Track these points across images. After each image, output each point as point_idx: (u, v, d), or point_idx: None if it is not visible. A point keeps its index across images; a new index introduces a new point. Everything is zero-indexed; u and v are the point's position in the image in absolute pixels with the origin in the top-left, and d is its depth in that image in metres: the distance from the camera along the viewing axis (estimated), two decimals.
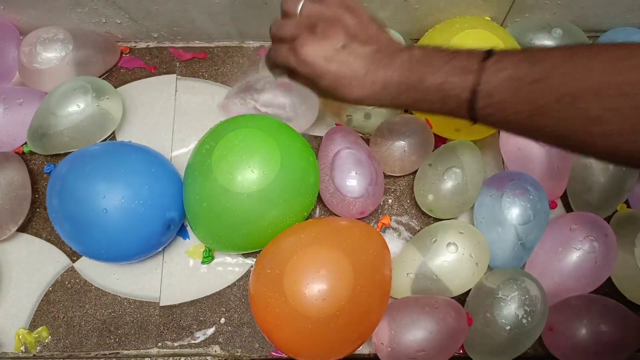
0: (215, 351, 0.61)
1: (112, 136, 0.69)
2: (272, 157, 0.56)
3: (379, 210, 0.66)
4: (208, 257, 0.60)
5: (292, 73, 0.50)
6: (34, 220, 0.67)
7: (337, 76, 0.46)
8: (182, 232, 0.66)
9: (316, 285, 0.50)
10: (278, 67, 0.51)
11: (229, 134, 0.57)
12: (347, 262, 0.52)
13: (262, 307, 0.53)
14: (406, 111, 0.69)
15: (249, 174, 0.55)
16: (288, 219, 0.58)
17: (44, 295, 0.63)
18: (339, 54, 0.46)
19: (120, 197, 0.55)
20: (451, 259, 0.58)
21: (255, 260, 0.62)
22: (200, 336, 0.61)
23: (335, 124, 0.69)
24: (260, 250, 0.59)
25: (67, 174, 0.57)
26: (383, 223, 0.64)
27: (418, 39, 0.70)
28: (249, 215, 0.56)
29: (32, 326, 0.62)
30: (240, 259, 0.65)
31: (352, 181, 0.60)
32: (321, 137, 0.67)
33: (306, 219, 0.62)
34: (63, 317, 0.63)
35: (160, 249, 0.63)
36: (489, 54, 0.42)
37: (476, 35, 0.63)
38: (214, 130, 0.60)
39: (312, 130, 0.69)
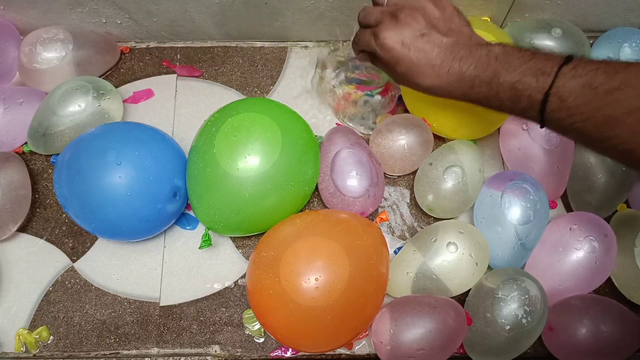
0: (215, 351, 0.61)
1: None
2: (274, 142, 0.57)
3: (379, 210, 0.66)
4: (207, 242, 0.60)
5: (374, 58, 0.52)
6: (34, 220, 0.67)
7: (413, 63, 0.48)
8: (182, 220, 0.66)
9: (311, 274, 0.51)
10: (363, 51, 0.53)
11: (234, 117, 0.58)
12: (344, 253, 0.52)
13: (257, 291, 0.54)
14: (405, 111, 0.69)
15: (250, 157, 0.56)
16: (286, 204, 0.59)
17: (44, 295, 0.63)
18: (417, 41, 0.47)
19: (132, 163, 0.56)
20: (451, 258, 0.58)
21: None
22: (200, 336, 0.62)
23: (336, 123, 0.69)
24: (259, 240, 0.59)
25: (74, 154, 0.58)
26: (382, 218, 0.64)
27: None
28: (247, 197, 0.57)
29: (32, 326, 0.62)
30: (241, 260, 0.65)
31: (352, 181, 0.60)
32: (321, 137, 0.67)
33: (304, 209, 0.63)
34: (63, 317, 0.63)
35: (164, 228, 0.63)
36: (568, 59, 0.42)
37: None
38: (218, 112, 0.61)
39: (326, 132, 0.69)
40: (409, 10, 0.48)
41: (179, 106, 0.72)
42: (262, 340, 0.61)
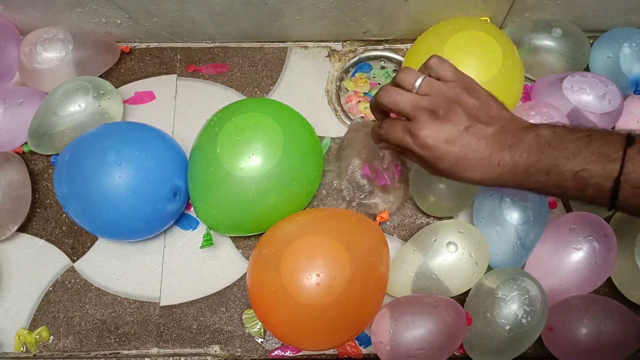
0: (215, 351, 0.61)
1: None
2: (276, 142, 0.57)
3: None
4: (208, 241, 0.60)
5: (403, 150, 0.48)
6: (34, 220, 0.67)
7: (460, 159, 0.44)
8: (183, 221, 0.66)
9: (312, 272, 0.51)
10: (387, 142, 0.50)
11: (237, 116, 0.58)
12: (345, 251, 0.52)
13: (258, 288, 0.54)
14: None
15: (253, 157, 0.56)
16: (288, 203, 0.59)
17: (44, 295, 0.63)
18: (461, 136, 0.44)
19: (132, 163, 0.56)
20: (451, 258, 0.58)
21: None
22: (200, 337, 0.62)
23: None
24: (258, 240, 0.59)
25: (74, 154, 0.58)
26: (382, 217, 0.64)
27: (415, 39, 0.69)
28: (250, 197, 0.57)
29: (32, 326, 0.62)
30: (241, 260, 0.65)
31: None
32: (337, 138, 0.68)
33: (306, 208, 0.64)
34: (63, 317, 0.63)
35: (164, 228, 0.63)
36: (630, 140, 0.40)
37: (471, 37, 0.63)
38: (221, 112, 0.61)
39: (327, 132, 0.70)
40: (447, 104, 0.44)
41: (179, 106, 0.72)
42: (262, 340, 0.61)
